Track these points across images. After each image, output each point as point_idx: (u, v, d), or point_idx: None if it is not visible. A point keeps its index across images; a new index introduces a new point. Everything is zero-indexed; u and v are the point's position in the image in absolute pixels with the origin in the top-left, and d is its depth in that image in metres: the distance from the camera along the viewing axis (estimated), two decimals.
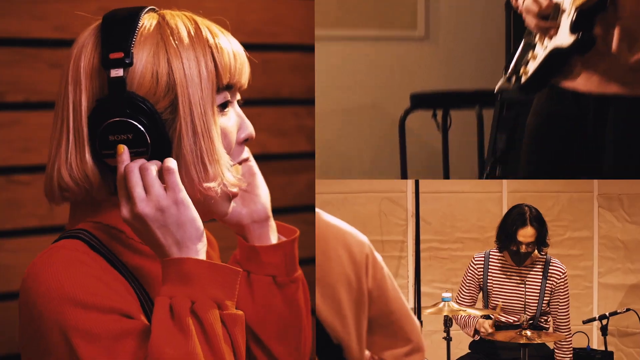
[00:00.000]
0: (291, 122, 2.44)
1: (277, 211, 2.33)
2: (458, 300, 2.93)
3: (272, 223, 1.51)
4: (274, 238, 1.51)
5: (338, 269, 1.43)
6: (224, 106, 1.33)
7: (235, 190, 1.35)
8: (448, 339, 2.70)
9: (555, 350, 2.89)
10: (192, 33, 1.30)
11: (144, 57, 1.27)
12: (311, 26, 2.47)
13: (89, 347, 1.21)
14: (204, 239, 1.28)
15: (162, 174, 1.26)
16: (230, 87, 1.34)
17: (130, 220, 1.26)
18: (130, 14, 1.30)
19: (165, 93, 1.28)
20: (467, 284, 2.95)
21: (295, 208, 2.42)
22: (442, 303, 2.67)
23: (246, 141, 1.39)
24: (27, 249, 2.04)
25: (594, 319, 3.10)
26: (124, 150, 1.26)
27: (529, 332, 2.67)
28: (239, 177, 1.35)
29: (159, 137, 1.27)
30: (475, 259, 2.95)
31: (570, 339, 2.90)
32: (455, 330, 2.78)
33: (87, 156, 1.28)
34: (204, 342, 1.23)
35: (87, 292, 1.22)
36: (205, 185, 1.29)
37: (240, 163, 1.38)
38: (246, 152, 1.41)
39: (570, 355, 2.89)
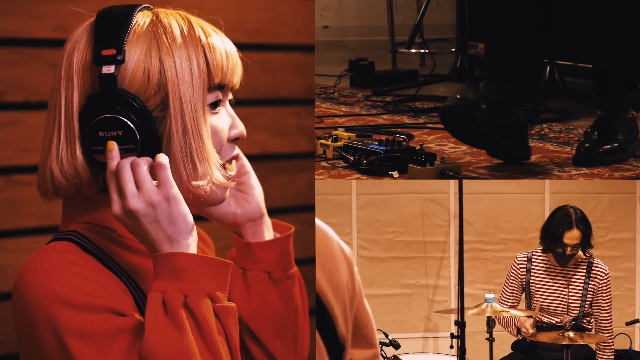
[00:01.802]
0: (291, 122, 2.44)
1: (277, 211, 2.33)
2: (500, 301, 2.92)
3: (267, 220, 1.52)
4: (268, 235, 1.51)
5: (343, 270, 1.43)
6: (215, 105, 1.34)
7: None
8: (491, 340, 2.71)
9: (597, 352, 2.88)
10: (185, 32, 1.31)
11: (136, 55, 1.28)
12: (311, 26, 2.47)
13: (83, 347, 1.21)
14: (195, 234, 1.29)
15: (153, 170, 1.26)
16: (222, 87, 1.34)
17: (121, 216, 1.26)
18: (124, 11, 1.31)
19: (156, 91, 1.28)
20: (510, 285, 2.95)
21: (295, 208, 2.42)
22: (485, 304, 2.67)
23: (236, 140, 1.39)
24: (27, 249, 2.04)
25: (636, 321, 3.10)
26: (113, 147, 1.26)
27: (571, 334, 2.67)
28: (229, 175, 1.36)
29: (149, 134, 1.27)
30: (518, 259, 2.95)
31: (612, 340, 2.89)
32: (497, 332, 2.79)
33: (78, 152, 1.29)
34: (197, 336, 1.23)
35: (79, 292, 1.23)
36: (195, 183, 1.30)
37: (230, 161, 1.38)
38: (236, 149, 1.41)
39: (612, 357, 2.88)
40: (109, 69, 1.26)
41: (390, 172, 2.48)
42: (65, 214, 1.37)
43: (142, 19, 1.31)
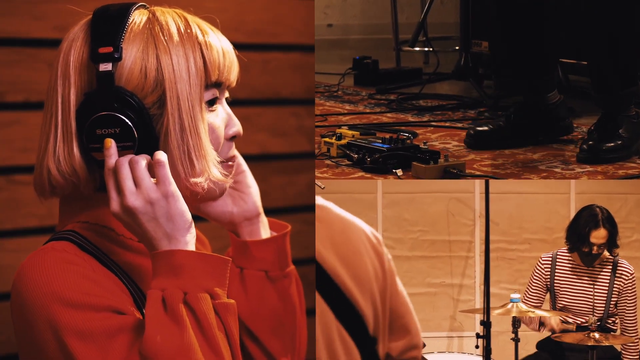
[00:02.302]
0: (291, 122, 2.44)
1: (277, 211, 2.33)
2: (525, 301, 2.92)
3: (264, 219, 1.52)
4: (265, 233, 1.51)
5: (369, 263, 1.43)
6: (212, 103, 1.34)
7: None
8: (516, 340, 2.71)
9: (623, 353, 2.87)
10: (182, 30, 1.31)
11: (133, 53, 1.28)
12: (311, 26, 2.47)
13: (83, 346, 1.21)
14: (193, 231, 1.29)
15: (151, 168, 1.26)
16: (218, 85, 1.34)
17: (120, 214, 1.26)
18: (120, 9, 1.31)
19: (154, 88, 1.28)
20: (534, 285, 2.95)
21: (295, 208, 2.42)
22: (511, 304, 2.66)
23: (234, 138, 1.39)
24: (27, 249, 2.03)
25: None
26: (111, 145, 1.26)
27: (596, 334, 2.65)
28: (226, 172, 1.36)
29: (146, 132, 1.27)
30: (543, 259, 2.95)
31: (637, 341, 2.88)
32: (523, 331, 2.79)
33: (75, 150, 1.28)
34: (198, 332, 1.23)
35: (78, 291, 1.23)
36: (192, 180, 1.30)
37: (227, 160, 1.38)
38: (233, 150, 1.41)
39: (638, 358, 2.87)
40: (106, 67, 1.26)
41: (394, 170, 2.48)
42: (63, 213, 1.37)
43: (138, 17, 1.31)
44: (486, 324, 2.52)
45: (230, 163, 1.39)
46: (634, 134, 2.58)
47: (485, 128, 2.72)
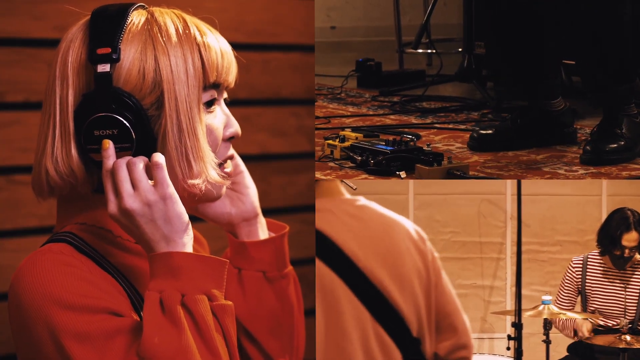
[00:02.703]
0: (291, 122, 2.44)
1: (277, 211, 2.33)
2: (557, 303, 2.91)
3: (262, 220, 1.52)
4: (263, 234, 1.51)
5: (410, 262, 1.43)
6: (210, 104, 1.34)
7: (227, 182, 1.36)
8: (547, 342, 2.71)
9: None
10: (180, 31, 1.31)
11: (131, 53, 1.28)
12: (311, 26, 2.47)
13: (81, 348, 1.21)
14: (191, 233, 1.28)
15: (149, 170, 1.26)
16: (217, 86, 1.34)
17: (117, 215, 1.26)
18: (119, 10, 1.31)
19: (152, 89, 1.28)
20: (566, 288, 2.94)
21: (295, 208, 2.42)
22: (542, 306, 2.65)
23: (231, 139, 1.39)
24: (27, 249, 2.03)
25: None
26: (109, 146, 1.26)
27: (628, 337, 2.64)
28: (224, 174, 1.35)
29: (144, 133, 1.27)
30: (574, 262, 2.95)
31: None
32: (554, 333, 2.78)
33: (73, 151, 1.28)
34: (196, 334, 1.23)
35: (75, 294, 1.23)
36: (190, 182, 1.30)
37: (225, 161, 1.38)
38: (230, 150, 1.41)
39: None
40: (104, 68, 1.26)
41: (397, 172, 2.48)
42: (60, 215, 1.37)
43: (137, 17, 1.31)
44: (518, 325, 2.51)
45: (228, 169, 1.39)
46: (637, 134, 2.57)
47: (490, 131, 2.72)
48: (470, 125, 3.05)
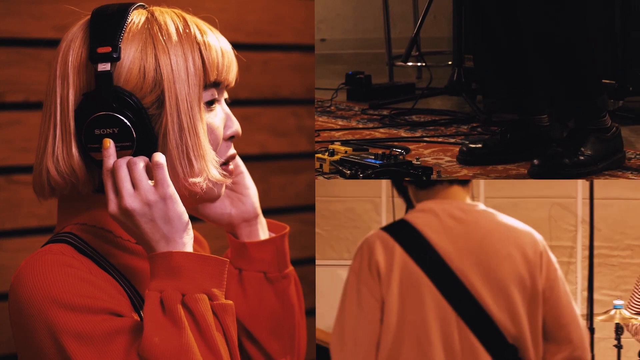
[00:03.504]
0: (291, 122, 2.44)
1: (277, 211, 2.33)
2: (629, 308, 2.89)
3: (262, 220, 1.52)
4: (263, 235, 1.51)
5: (510, 268, 1.45)
6: (210, 103, 1.34)
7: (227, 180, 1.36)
8: (619, 347, 2.69)
9: None
10: (181, 30, 1.31)
11: (131, 52, 1.28)
12: (311, 26, 2.47)
13: (81, 348, 1.21)
14: (191, 232, 1.28)
15: (149, 169, 1.26)
16: (217, 84, 1.34)
17: (117, 215, 1.26)
18: (119, 9, 1.31)
19: (152, 88, 1.28)
20: (638, 292, 2.93)
21: (295, 208, 2.42)
22: (614, 310, 2.64)
23: (232, 138, 1.39)
24: (27, 249, 2.04)
25: None
26: (110, 145, 1.26)
27: None
28: (225, 173, 1.36)
29: (145, 132, 1.27)
30: None
31: None
32: (625, 338, 2.77)
33: (74, 150, 1.28)
34: (196, 334, 1.23)
35: (75, 294, 1.23)
36: (191, 180, 1.30)
37: (227, 160, 1.38)
38: (232, 149, 1.41)
39: None
40: (104, 67, 1.25)
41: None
42: (61, 215, 1.36)
43: (137, 17, 1.31)
44: (589, 330, 2.51)
45: (230, 167, 1.39)
46: (600, 152, 2.50)
47: (479, 145, 2.69)
48: (460, 138, 3.02)
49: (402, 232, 1.49)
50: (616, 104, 3.03)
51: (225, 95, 1.39)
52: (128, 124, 1.26)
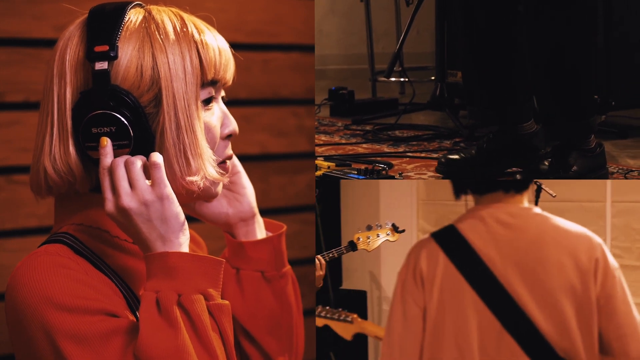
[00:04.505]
0: (291, 122, 2.44)
1: (277, 211, 2.33)
2: None
3: (259, 219, 1.52)
4: (261, 234, 1.51)
5: (559, 276, 1.38)
6: (208, 102, 1.34)
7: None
8: None
9: None
10: (178, 28, 1.31)
11: (129, 51, 1.28)
12: (311, 26, 2.47)
13: (77, 349, 1.21)
14: (187, 232, 1.28)
15: (147, 169, 1.26)
16: (214, 83, 1.34)
17: (114, 214, 1.26)
18: (116, 8, 1.31)
19: (149, 87, 1.28)
20: None
21: (294, 208, 2.42)
22: None
23: (229, 137, 1.39)
24: (27, 249, 2.03)
25: None
26: (107, 143, 1.26)
27: None
28: (222, 171, 1.36)
29: (142, 130, 1.27)
30: None
31: None
32: None
33: (71, 149, 1.28)
34: (192, 334, 1.23)
35: (71, 295, 1.22)
36: (188, 179, 1.30)
37: (224, 160, 1.38)
38: (229, 149, 1.41)
39: None
40: (101, 65, 1.25)
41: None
42: (58, 214, 1.37)
43: (134, 15, 1.31)
44: None
45: (227, 164, 1.39)
46: (585, 169, 2.51)
47: (457, 156, 2.69)
48: (443, 154, 3.02)
49: (448, 238, 1.45)
50: (599, 118, 3.02)
51: (223, 93, 1.39)
52: (125, 122, 1.26)
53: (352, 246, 2.42)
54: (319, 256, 2.40)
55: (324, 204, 2.66)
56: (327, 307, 2.27)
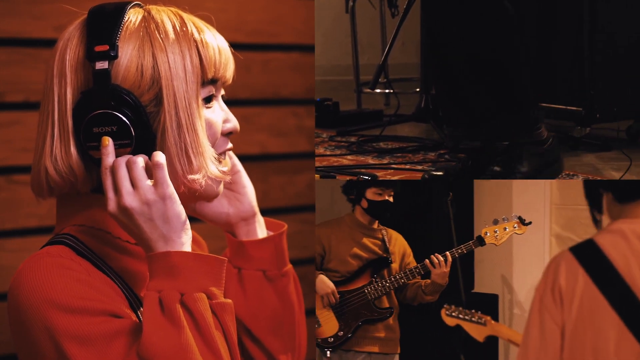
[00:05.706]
0: (291, 122, 2.44)
1: (277, 211, 2.33)
2: None
3: (260, 218, 1.52)
4: (262, 233, 1.52)
5: None
6: (208, 100, 1.34)
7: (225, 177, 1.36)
8: None
9: None
10: (178, 28, 1.31)
11: (129, 51, 1.28)
12: (311, 26, 2.47)
13: (81, 350, 1.21)
14: (189, 232, 1.28)
15: (149, 168, 1.26)
16: (214, 81, 1.34)
17: (116, 213, 1.26)
18: (116, 8, 1.31)
19: (150, 86, 1.28)
20: None
21: (294, 208, 2.42)
22: None
23: (230, 134, 1.39)
24: (27, 249, 2.04)
25: None
26: (108, 143, 1.26)
27: None
28: (224, 169, 1.36)
29: (143, 129, 1.27)
30: None
31: None
32: None
33: (72, 149, 1.28)
34: (196, 333, 1.23)
35: (74, 296, 1.22)
36: (190, 177, 1.30)
37: (223, 154, 1.38)
38: (229, 144, 1.41)
39: None
40: (102, 65, 1.25)
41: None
42: (60, 215, 1.36)
43: (134, 15, 1.31)
44: None
45: (224, 167, 1.39)
46: (537, 167, 2.48)
47: (441, 173, 2.67)
48: (427, 165, 3.00)
49: (588, 254, 1.39)
50: (583, 131, 3.01)
51: (222, 91, 1.39)
52: (126, 121, 1.26)
53: (480, 241, 2.42)
54: (446, 252, 2.45)
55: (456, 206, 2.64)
56: (460, 307, 2.26)
